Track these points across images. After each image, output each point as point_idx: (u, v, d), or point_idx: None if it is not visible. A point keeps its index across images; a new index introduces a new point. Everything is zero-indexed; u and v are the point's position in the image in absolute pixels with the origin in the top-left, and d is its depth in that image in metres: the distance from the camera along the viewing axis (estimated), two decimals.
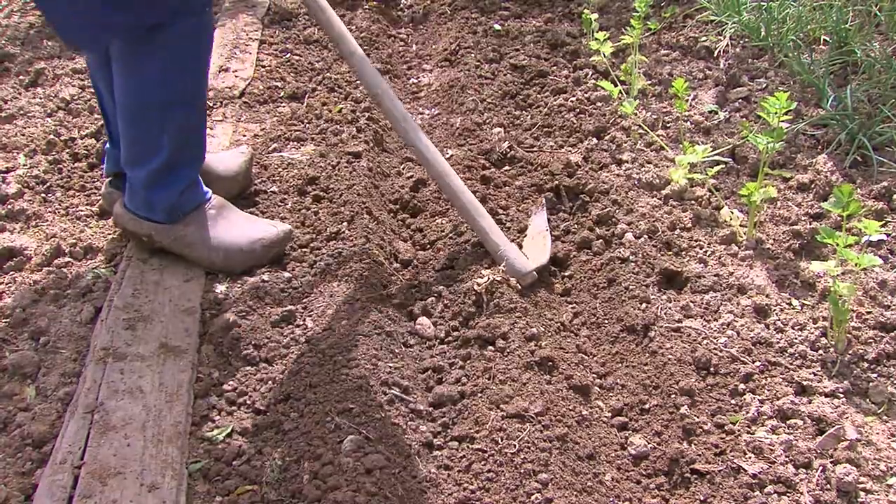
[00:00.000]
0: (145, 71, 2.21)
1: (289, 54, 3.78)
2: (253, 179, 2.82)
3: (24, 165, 2.93)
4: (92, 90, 3.22)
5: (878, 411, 1.98)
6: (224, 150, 2.91)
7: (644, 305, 2.29)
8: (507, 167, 2.93)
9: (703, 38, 3.58)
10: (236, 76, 3.49)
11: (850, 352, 2.10)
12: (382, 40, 4.00)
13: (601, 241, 2.55)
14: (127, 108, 2.28)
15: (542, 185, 2.81)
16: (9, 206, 2.70)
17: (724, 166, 2.76)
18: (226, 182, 2.68)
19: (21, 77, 3.59)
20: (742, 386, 2.05)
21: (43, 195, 2.80)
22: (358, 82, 3.47)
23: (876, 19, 3.42)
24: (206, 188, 2.49)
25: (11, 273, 2.45)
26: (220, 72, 3.50)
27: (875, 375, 2.05)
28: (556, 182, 2.80)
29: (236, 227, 2.46)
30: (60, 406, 2.01)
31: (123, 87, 2.25)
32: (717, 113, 3.09)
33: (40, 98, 3.39)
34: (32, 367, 2.12)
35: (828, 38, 3.36)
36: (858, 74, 3.14)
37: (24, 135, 3.10)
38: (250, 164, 2.79)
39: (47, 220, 2.68)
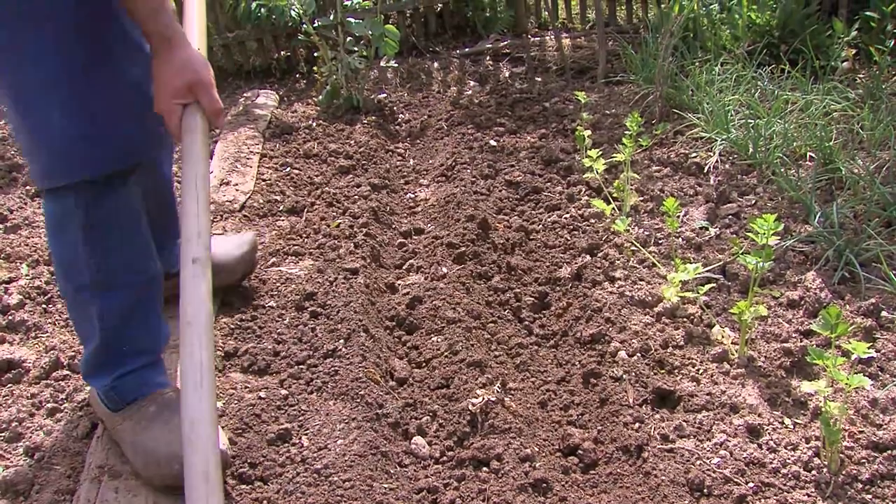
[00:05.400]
0: (64, 253, 2.08)
1: (288, 168, 3.87)
2: (256, 265, 2.92)
3: (27, 276, 2.97)
4: None
5: None
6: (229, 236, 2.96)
7: (637, 425, 2.30)
8: (500, 289, 2.98)
9: (694, 155, 3.67)
10: (237, 189, 3.57)
11: (844, 472, 2.10)
12: (380, 155, 4.10)
13: (595, 359, 2.57)
14: (62, 291, 2.17)
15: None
16: (9, 317, 2.72)
17: (715, 284, 2.80)
18: (223, 274, 2.71)
19: (28, 187, 3.67)
20: None
21: (44, 306, 2.83)
22: (356, 198, 3.55)
23: (859, 136, 3.52)
24: (160, 380, 2.23)
25: (9, 385, 2.46)
26: (220, 185, 3.58)
27: (869, 497, 2.04)
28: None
29: (167, 435, 2.07)
30: None
31: (56, 271, 2.17)
32: (707, 229, 3.14)
33: None
34: (26, 484, 2.11)
35: (813, 155, 3.45)
36: (844, 190, 3.20)
37: (27, 245, 3.15)
38: (252, 252, 2.85)
39: (47, 332, 2.70)
